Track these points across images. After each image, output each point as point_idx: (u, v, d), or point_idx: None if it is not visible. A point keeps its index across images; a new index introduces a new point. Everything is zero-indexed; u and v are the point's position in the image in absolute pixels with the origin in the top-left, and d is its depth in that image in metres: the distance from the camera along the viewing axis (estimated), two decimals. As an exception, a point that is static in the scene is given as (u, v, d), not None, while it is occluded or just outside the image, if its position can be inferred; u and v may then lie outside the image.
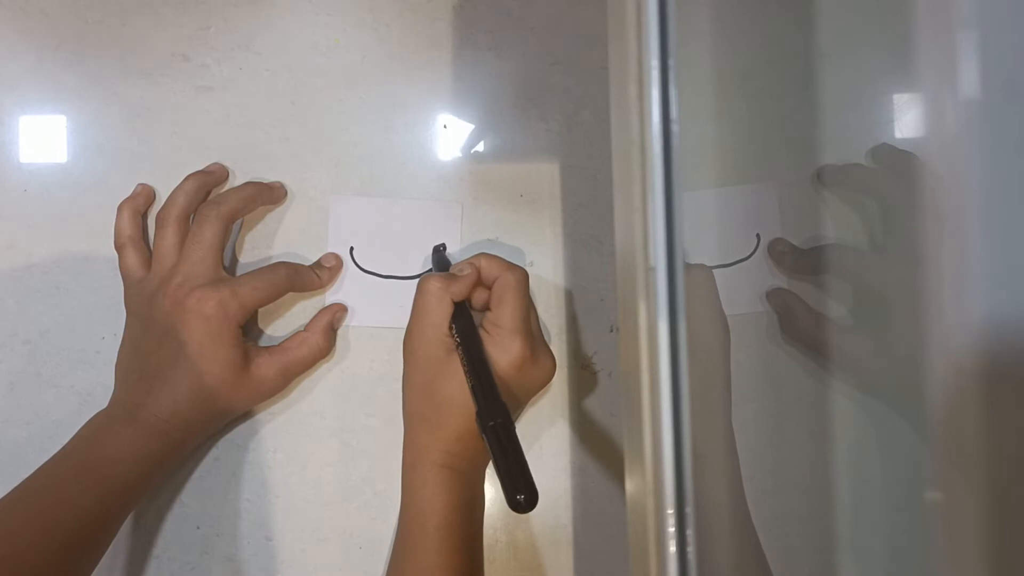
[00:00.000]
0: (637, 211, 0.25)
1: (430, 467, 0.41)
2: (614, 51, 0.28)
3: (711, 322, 0.43)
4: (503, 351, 0.41)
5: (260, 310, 0.47)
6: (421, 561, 0.40)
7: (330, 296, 0.48)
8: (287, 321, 0.48)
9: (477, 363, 0.40)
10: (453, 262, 0.48)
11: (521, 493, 0.35)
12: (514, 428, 0.39)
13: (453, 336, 0.42)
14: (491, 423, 0.38)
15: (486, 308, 0.44)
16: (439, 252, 0.48)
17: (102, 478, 0.40)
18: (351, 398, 0.47)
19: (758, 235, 0.48)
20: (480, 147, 0.50)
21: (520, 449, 0.38)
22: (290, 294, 0.47)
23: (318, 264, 0.48)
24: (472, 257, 0.44)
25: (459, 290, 0.42)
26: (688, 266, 0.46)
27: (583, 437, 0.48)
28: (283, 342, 0.46)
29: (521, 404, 0.46)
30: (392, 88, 0.50)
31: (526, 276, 0.43)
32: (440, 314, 0.42)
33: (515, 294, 0.42)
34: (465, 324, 0.42)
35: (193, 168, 0.47)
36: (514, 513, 0.47)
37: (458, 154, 0.49)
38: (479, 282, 0.44)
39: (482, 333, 0.42)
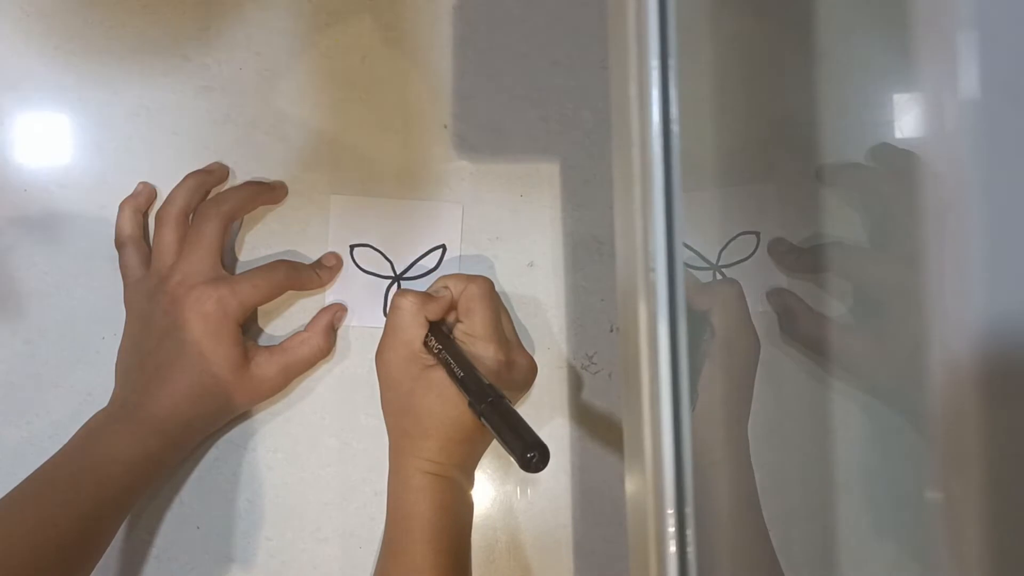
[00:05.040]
0: (637, 211, 0.25)
1: (414, 473, 0.41)
2: (614, 51, 0.28)
3: (742, 336, 0.43)
4: (478, 360, 0.41)
5: (260, 309, 0.47)
6: (406, 564, 0.40)
7: (330, 296, 0.48)
8: (287, 320, 0.48)
9: (460, 359, 0.40)
10: (454, 265, 0.48)
11: (531, 451, 0.35)
12: (507, 401, 0.38)
13: (429, 348, 0.42)
14: (482, 404, 0.38)
15: (455, 321, 0.44)
16: None
17: (100, 477, 0.40)
18: (351, 398, 0.47)
19: (758, 235, 0.48)
20: (480, 147, 0.50)
21: (518, 416, 0.37)
22: (290, 293, 0.47)
23: (318, 263, 0.48)
24: (437, 280, 0.44)
25: (435, 310, 0.42)
26: (719, 282, 0.47)
27: (583, 437, 0.48)
28: (283, 342, 0.46)
29: None
30: (392, 88, 0.50)
31: (490, 284, 0.43)
32: (414, 332, 0.41)
33: (482, 302, 0.42)
34: (442, 333, 0.42)
35: (193, 168, 0.47)
36: (515, 511, 0.47)
37: (458, 154, 0.49)
38: (453, 304, 0.44)
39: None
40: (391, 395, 0.43)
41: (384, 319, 0.48)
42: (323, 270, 0.47)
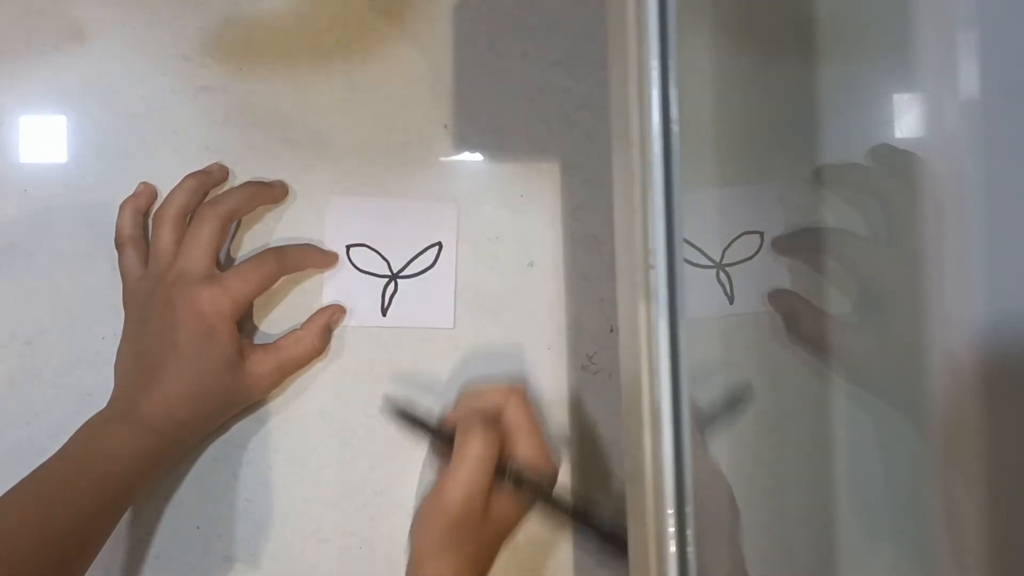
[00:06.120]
0: (637, 211, 0.25)
1: None
2: (614, 51, 0.28)
3: (723, 506, 0.42)
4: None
5: (256, 304, 0.47)
6: None
7: (328, 296, 0.48)
8: (281, 313, 0.48)
9: (552, 498, 0.41)
10: (451, 263, 0.48)
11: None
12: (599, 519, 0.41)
13: (506, 481, 0.40)
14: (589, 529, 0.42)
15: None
16: (409, 416, 0.45)
17: (97, 477, 0.40)
18: (351, 398, 0.47)
19: (761, 235, 0.48)
20: (480, 147, 0.50)
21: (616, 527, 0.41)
22: (286, 286, 0.47)
23: (308, 245, 0.48)
24: (465, 396, 0.44)
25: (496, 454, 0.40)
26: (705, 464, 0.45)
27: (583, 437, 0.48)
28: (278, 340, 0.46)
29: None
30: (392, 88, 0.50)
31: (524, 396, 0.42)
32: (486, 482, 0.39)
33: (526, 428, 0.41)
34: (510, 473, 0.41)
35: (193, 168, 0.47)
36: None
37: (458, 154, 0.49)
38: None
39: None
40: (448, 556, 0.39)
41: (382, 318, 0.48)
42: (310, 250, 0.47)
